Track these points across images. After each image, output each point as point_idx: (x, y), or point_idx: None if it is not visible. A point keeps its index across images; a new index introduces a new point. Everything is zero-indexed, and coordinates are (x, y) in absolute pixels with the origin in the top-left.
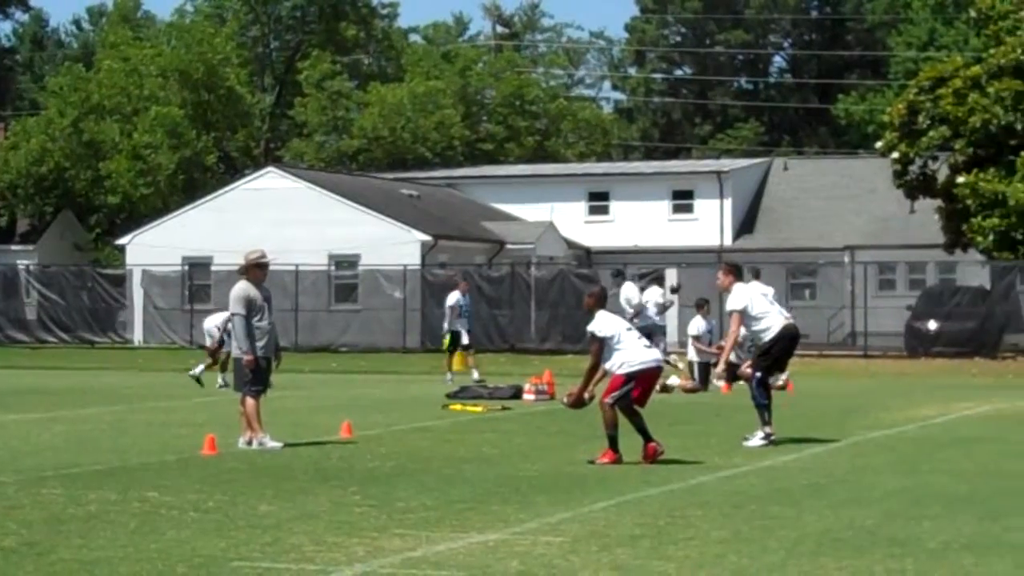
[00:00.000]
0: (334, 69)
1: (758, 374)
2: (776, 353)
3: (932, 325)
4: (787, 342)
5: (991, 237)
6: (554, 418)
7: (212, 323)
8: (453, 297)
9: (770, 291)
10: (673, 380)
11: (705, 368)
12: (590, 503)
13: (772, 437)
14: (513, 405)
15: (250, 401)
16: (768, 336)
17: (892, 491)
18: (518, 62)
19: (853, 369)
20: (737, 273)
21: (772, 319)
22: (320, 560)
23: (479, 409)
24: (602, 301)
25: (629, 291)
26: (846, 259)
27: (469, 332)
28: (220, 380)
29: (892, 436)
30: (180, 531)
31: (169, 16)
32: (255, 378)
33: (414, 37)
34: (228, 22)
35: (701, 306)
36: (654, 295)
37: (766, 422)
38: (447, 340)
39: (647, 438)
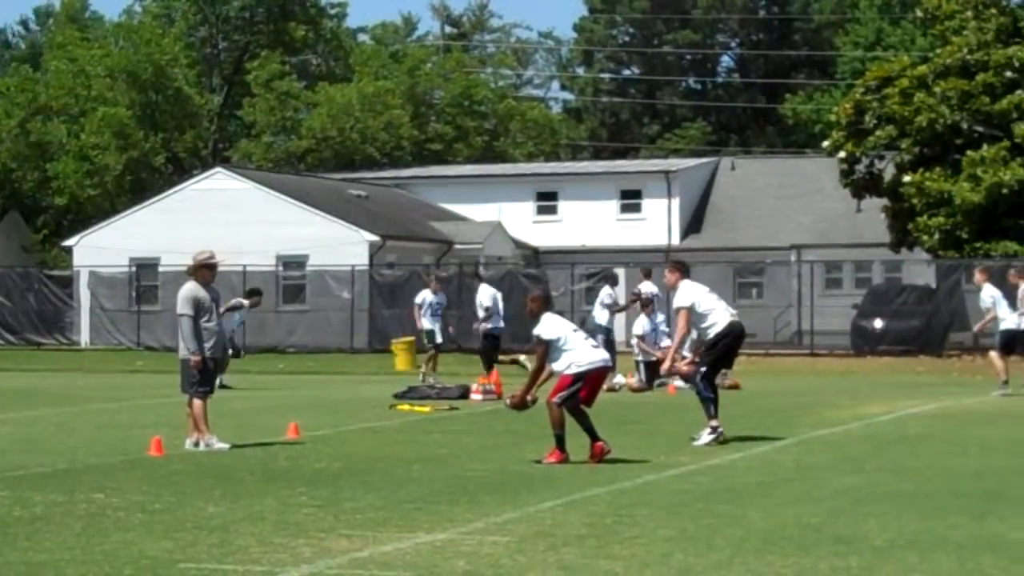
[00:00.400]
0: (282, 69)
1: (703, 368)
2: (722, 349)
3: (878, 323)
4: (733, 339)
5: (936, 236)
6: (501, 418)
7: None
8: (420, 296)
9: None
10: (619, 379)
11: (650, 367)
12: (537, 502)
13: (719, 430)
14: (460, 405)
15: (197, 402)
16: (714, 332)
17: (838, 489)
18: (467, 62)
19: (799, 367)
20: (684, 271)
21: (718, 315)
22: (267, 561)
23: (427, 409)
24: (547, 304)
25: (483, 294)
26: (793, 258)
27: (442, 332)
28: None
29: (838, 434)
30: (127, 533)
31: (117, 17)
32: (203, 379)
33: (362, 37)
34: (176, 23)
35: (645, 305)
36: (603, 296)
37: (712, 415)
38: (425, 337)
39: (594, 437)
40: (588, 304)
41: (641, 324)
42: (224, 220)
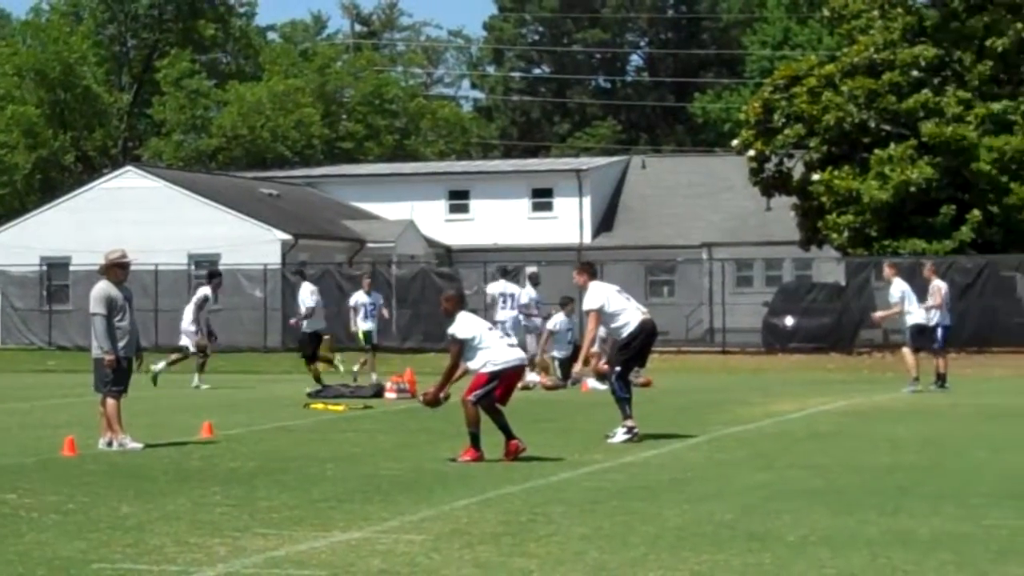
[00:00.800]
0: (192, 68)
1: (617, 368)
2: (635, 348)
3: (789, 321)
4: (645, 337)
5: (845, 234)
6: (416, 416)
7: (187, 321)
8: (354, 298)
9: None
10: (532, 377)
11: (566, 365)
12: (452, 501)
13: (635, 430)
14: (375, 404)
15: (110, 402)
16: (626, 332)
17: (750, 486)
18: (377, 61)
19: (711, 365)
20: (592, 272)
21: (629, 315)
22: (182, 561)
23: (341, 408)
24: (460, 303)
25: (304, 292)
26: (704, 256)
27: (378, 332)
28: (196, 380)
29: (750, 431)
30: (40, 533)
31: (24, 15)
32: (116, 379)
33: (272, 36)
34: (84, 20)
35: (565, 304)
36: (496, 288)
37: (627, 415)
38: (362, 337)
39: (509, 435)
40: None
41: (555, 321)
42: (135, 219)
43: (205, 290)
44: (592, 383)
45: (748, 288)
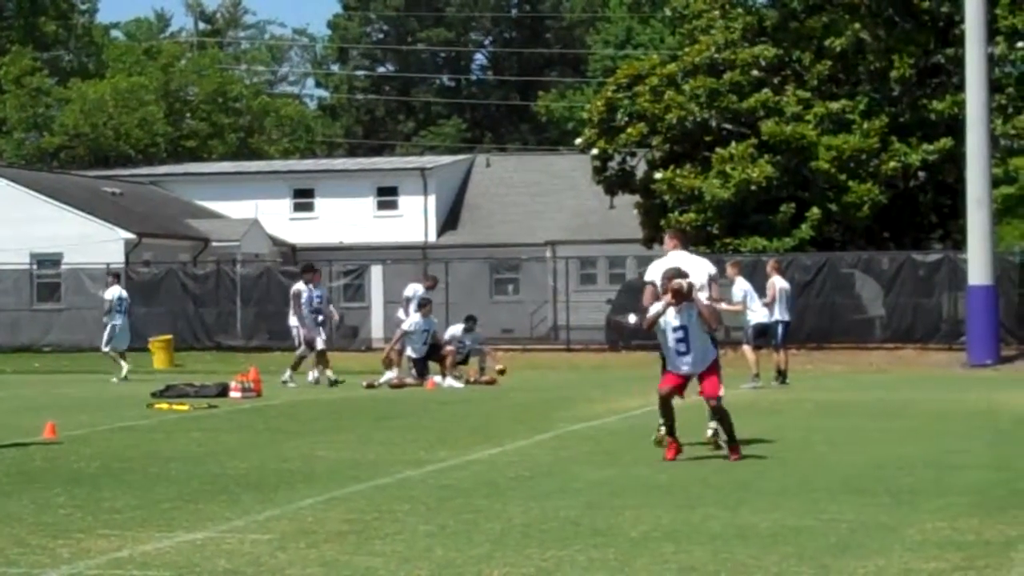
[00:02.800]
0: (34, 65)
1: None
2: None
3: (632, 319)
4: None
5: (688, 232)
6: (261, 416)
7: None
8: (299, 289)
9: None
10: (389, 375)
11: (421, 363)
12: (298, 500)
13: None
14: (220, 403)
15: None
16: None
17: (595, 482)
18: (221, 59)
19: (556, 362)
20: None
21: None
22: (24, 563)
23: (185, 408)
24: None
25: (111, 292)
26: (548, 254)
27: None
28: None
29: (595, 428)
30: None
31: None
32: None
33: (116, 33)
34: None
35: (423, 306)
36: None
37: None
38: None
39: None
40: (346, 300)
41: (412, 321)
42: None
43: (298, 285)
44: (439, 380)
45: (592, 286)
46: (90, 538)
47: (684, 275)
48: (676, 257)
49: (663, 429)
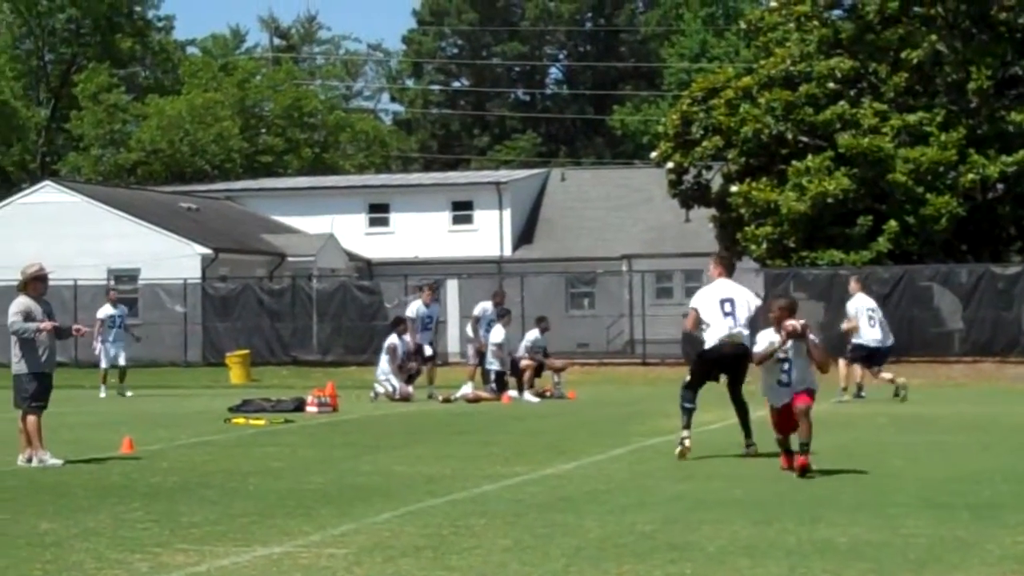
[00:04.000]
0: (111, 82)
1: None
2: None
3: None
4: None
5: (764, 245)
6: (338, 430)
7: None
8: (412, 308)
9: None
10: (466, 389)
11: (501, 377)
12: (374, 515)
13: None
14: (296, 418)
15: (31, 418)
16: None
17: (671, 496)
18: (296, 74)
19: (632, 376)
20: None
21: (715, 330)
22: None
23: (262, 422)
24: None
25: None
26: (624, 268)
27: (431, 344)
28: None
29: (671, 442)
30: None
31: None
32: (36, 394)
33: (192, 50)
34: (1, 35)
35: (502, 316)
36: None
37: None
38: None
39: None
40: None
41: (499, 333)
42: (54, 234)
43: (392, 339)
44: (513, 393)
45: (668, 299)
46: (168, 552)
47: (794, 308)
48: (722, 286)
49: (752, 447)
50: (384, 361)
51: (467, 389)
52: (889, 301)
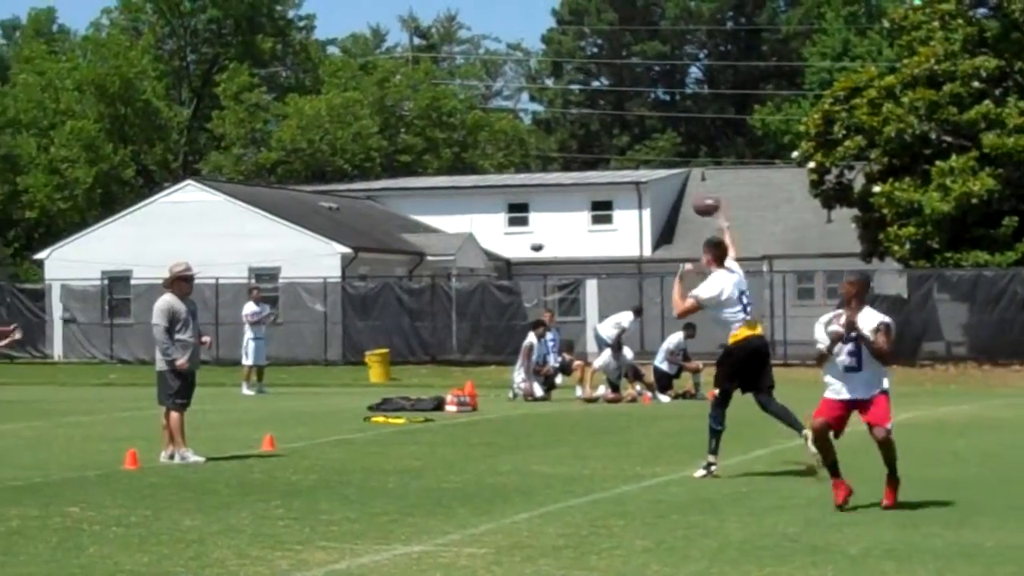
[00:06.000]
0: (252, 82)
1: (716, 391)
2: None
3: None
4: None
5: (907, 246)
6: (476, 430)
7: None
8: (531, 343)
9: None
10: (603, 389)
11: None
12: (513, 514)
13: (713, 468)
14: (435, 417)
15: (174, 415)
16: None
17: (813, 498)
18: (436, 74)
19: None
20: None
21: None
22: (244, 574)
23: (401, 421)
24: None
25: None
26: (764, 268)
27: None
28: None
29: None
30: (103, 546)
31: (84, 30)
32: (180, 391)
33: (332, 49)
34: (144, 35)
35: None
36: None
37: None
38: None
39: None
40: (561, 315)
41: (675, 339)
42: (195, 232)
43: (530, 338)
44: (655, 395)
45: (809, 300)
46: (309, 550)
47: (866, 286)
48: (732, 275)
49: (817, 460)
50: (521, 361)
51: (604, 389)
52: None
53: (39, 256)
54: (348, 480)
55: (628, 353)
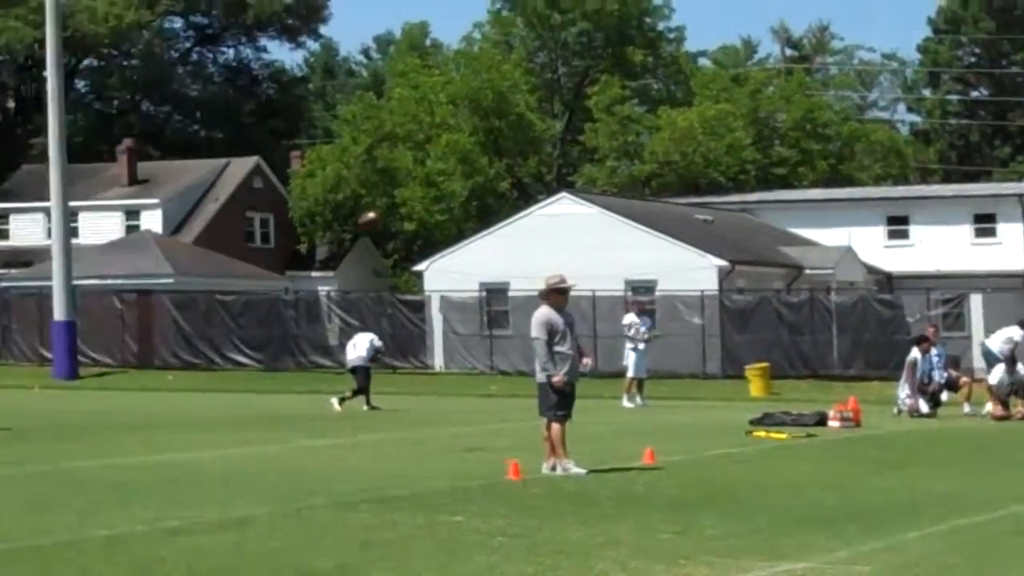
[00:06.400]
0: (623, 94)
1: None
2: None
3: None
4: None
5: None
6: (861, 445)
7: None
8: (915, 358)
9: None
10: (990, 406)
11: None
12: (901, 532)
13: None
14: (818, 432)
15: (555, 426)
16: None
17: None
18: (809, 85)
19: None
20: None
21: None
22: None
23: (783, 436)
24: None
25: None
26: None
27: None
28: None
29: None
30: (488, 556)
31: (457, 44)
32: (560, 403)
33: (702, 61)
34: (515, 49)
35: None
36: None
37: None
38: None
39: None
40: (945, 330)
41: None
42: (570, 245)
43: (914, 353)
44: None
45: None
46: (692, 564)
47: None
48: None
49: None
50: (905, 376)
51: (990, 406)
52: None
53: (419, 268)
54: (730, 494)
55: (1022, 369)
